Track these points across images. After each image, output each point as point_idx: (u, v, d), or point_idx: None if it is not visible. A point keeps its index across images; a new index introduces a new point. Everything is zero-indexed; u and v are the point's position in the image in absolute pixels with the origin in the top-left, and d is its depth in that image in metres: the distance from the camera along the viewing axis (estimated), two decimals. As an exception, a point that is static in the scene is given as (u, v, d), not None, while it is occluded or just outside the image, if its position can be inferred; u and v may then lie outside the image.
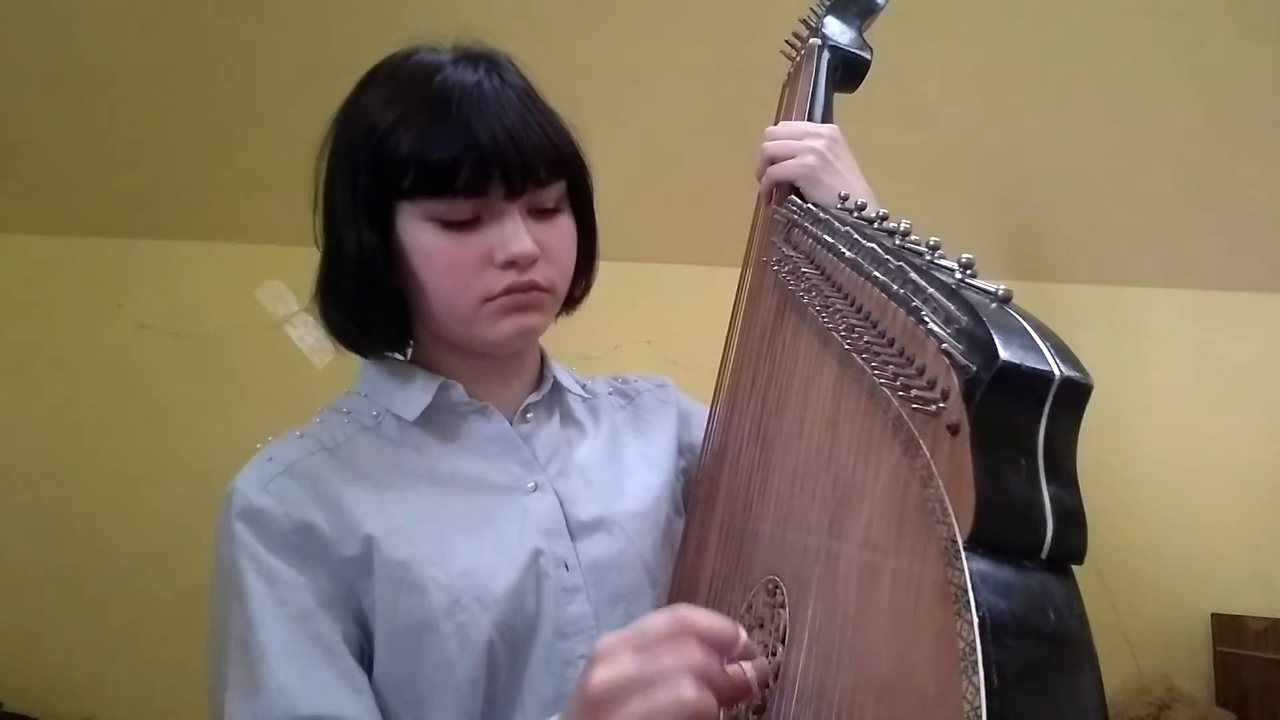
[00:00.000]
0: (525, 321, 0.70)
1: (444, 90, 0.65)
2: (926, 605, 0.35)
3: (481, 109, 0.65)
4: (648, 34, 1.53)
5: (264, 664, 0.60)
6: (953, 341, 0.35)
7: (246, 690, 0.60)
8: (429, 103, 0.65)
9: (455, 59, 0.68)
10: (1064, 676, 0.32)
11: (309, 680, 0.60)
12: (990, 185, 1.67)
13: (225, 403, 1.77)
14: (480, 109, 0.65)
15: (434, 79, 0.66)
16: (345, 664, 0.62)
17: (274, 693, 0.59)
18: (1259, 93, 1.50)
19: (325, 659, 0.61)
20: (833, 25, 0.90)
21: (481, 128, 0.64)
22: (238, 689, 0.61)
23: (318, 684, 0.60)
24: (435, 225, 0.66)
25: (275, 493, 0.65)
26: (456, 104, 0.64)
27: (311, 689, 0.60)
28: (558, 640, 0.68)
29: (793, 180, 0.79)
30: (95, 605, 1.78)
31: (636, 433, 0.84)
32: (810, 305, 0.58)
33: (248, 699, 0.60)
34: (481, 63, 0.68)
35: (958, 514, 0.34)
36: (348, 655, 0.63)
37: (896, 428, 0.40)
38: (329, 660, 0.62)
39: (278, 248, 1.66)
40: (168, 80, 1.62)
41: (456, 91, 0.65)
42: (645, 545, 0.75)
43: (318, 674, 0.61)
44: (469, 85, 0.66)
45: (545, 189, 0.68)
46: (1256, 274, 1.69)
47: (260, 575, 0.62)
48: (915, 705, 0.36)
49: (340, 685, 0.61)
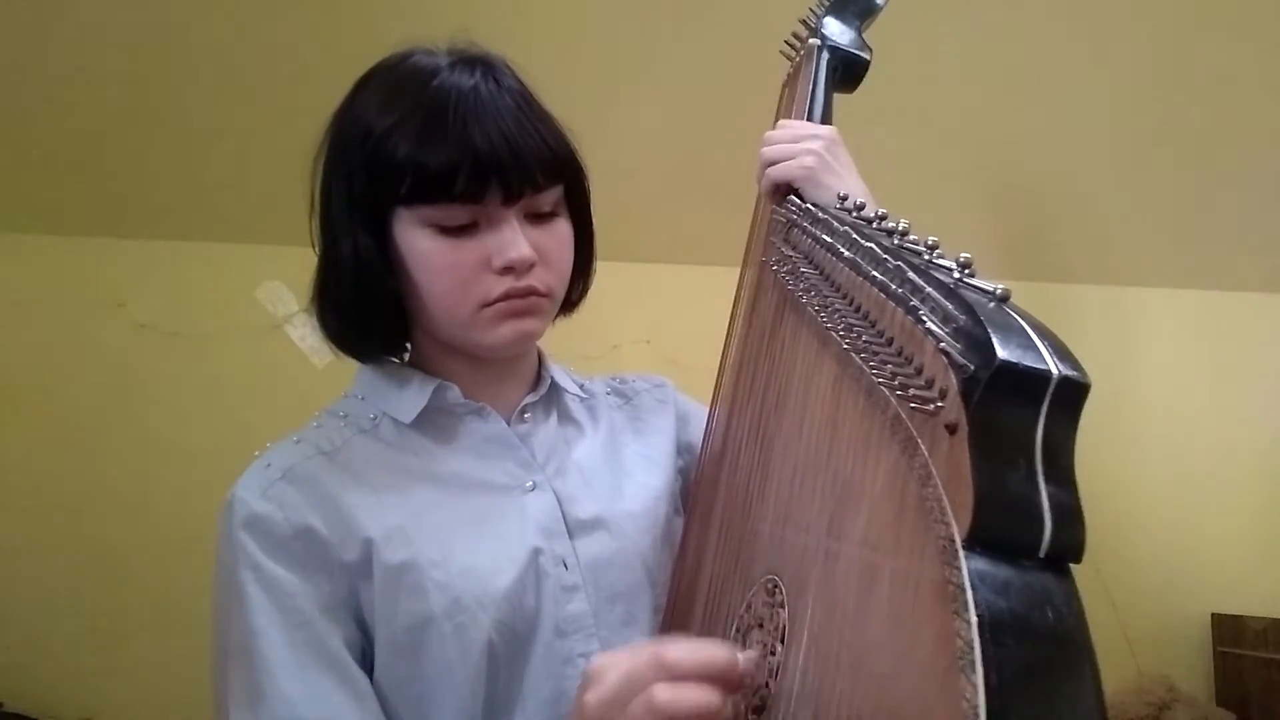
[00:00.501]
0: (523, 327, 0.70)
1: (440, 95, 0.65)
2: (925, 604, 0.35)
3: (478, 114, 0.64)
4: (648, 34, 1.53)
5: (266, 672, 0.60)
6: (950, 341, 0.35)
7: (249, 699, 0.60)
8: (425, 108, 0.65)
9: (452, 63, 0.68)
10: (1063, 676, 0.32)
11: (311, 687, 0.60)
12: (990, 186, 1.67)
13: (225, 403, 1.77)
14: (477, 114, 0.64)
15: (430, 83, 0.66)
16: (347, 670, 0.62)
17: (277, 701, 0.59)
18: (1259, 93, 1.50)
19: (327, 666, 0.61)
20: (832, 25, 0.90)
21: (478, 133, 0.64)
22: (240, 697, 0.61)
23: (320, 691, 0.60)
24: (432, 231, 0.66)
25: (274, 498, 0.65)
26: (453, 109, 0.64)
27: (314, 696, 0.60)
28: (557, 639, 0.68)
29: (791, 181, 0.79)
30: (95, 605, 1.78)
31: (635, 433, 0.84)
32: (809, 305, 0.58)
33: (251, 707, 0.60)
34: (478, 66, 0.68)
35: (956, 513, 0.34)
36: (350, 661, 0.63)
37: (895, 427, 0.40)
38: (331, 667, 0.62)
39: (278, 248, 1.66)
40: (168, 81, 1.63)
41: (453, 96, 0.65)
42: (644, 544, 0.75)
43: (320, 681, 0.61)
44: (465, 90, 0.65)
45: (542, 194, 0.68)
46: (1257, 274, 1.69)
47: (260, 583, 0.62)
48: (914, 704, 0.36)
49: (342, 691, 0.61)
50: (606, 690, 0.50)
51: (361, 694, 0.62)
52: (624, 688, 0.49)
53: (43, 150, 1.74)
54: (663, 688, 0.47)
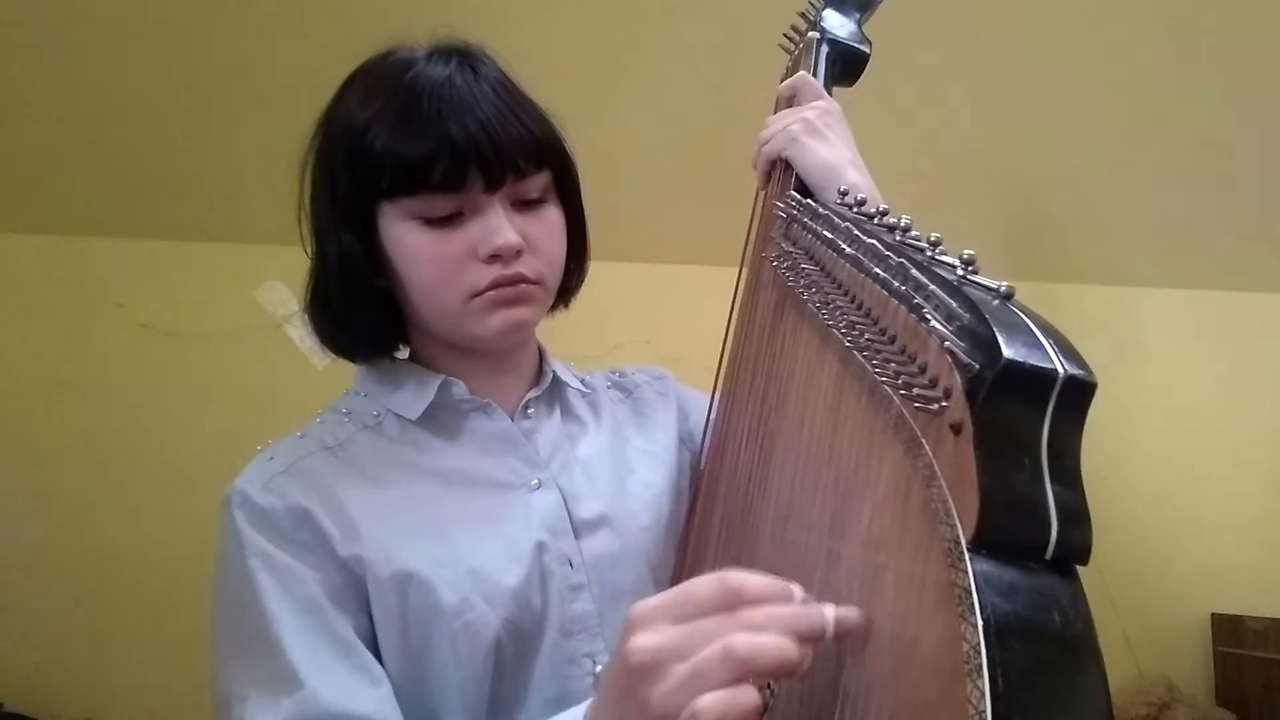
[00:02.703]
0: (514, 315, 0.69)
1: (415, 87, 0.65)
2: (930, 607, 0.34)
3: (453, 103, 0.64)
4: (649, 33, 1.53)
5: (283, 657, 0.59)
6: (955, 339, 0.35)
7: (268, 685, 0.60)
8: (400, 100, 0.65)
9: (428, 55, 0.68)
10: (1070, 679, 0.32)
11: (328, 673, 0.60)
12: (994, 184, 1.67)
13: (225, 402, 1.77)
14: (452, 103, 0.64)
15: (405, 76, 0.66)
16: (360, 657, 0.62)
17: (295, 684, 0.59)
18: (1260, 94, 1.50)
19: (341, 652, 0.61)
20: (832, 18, 0.89)
21: (454, 122, 0.64)
22: (257, 684, 0.60)
23: (336, 676, 0.60)
24: (417, 223, 0.66)
25: (276, 490, 0.65)
26: (427, 100, 0.64)
27: (331, 681, 0.59)
28: (563, 638, 0.67)
29: (780, 152, 0.78)
30: (95, 605, 1.77)
31: (637, 427, 0.84)
32: (810, 302, 0.57)
33: (269, 695, 0.59)
34: (454, 57, 0.68)
35: (961, 514, 0.33)
36: (362, 647, 0.62)
37: (898, 427, 0.40)
38: (345, 653, 0.61)
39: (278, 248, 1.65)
40: (167, 81, 1.62)
41: (427, 87, 0.65)
42: (648, 542, 0.74)
43: (335, 666, 0.60)
44: (439, 80, 0.65)
45: (527, 180, 0.68)
46: (1258, 274, 1.69)
47: (269, 570, 0.62)
48: (918, 707, 0.35)
49: (358, 676, 0.61)
50: (662, 637, 0.41)
51: (377, 679, 0.62)
52: (685, 637, 0.41)
53: (43, 150, 1.73)
54: (743, 637, 0.39)
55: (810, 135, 0.77)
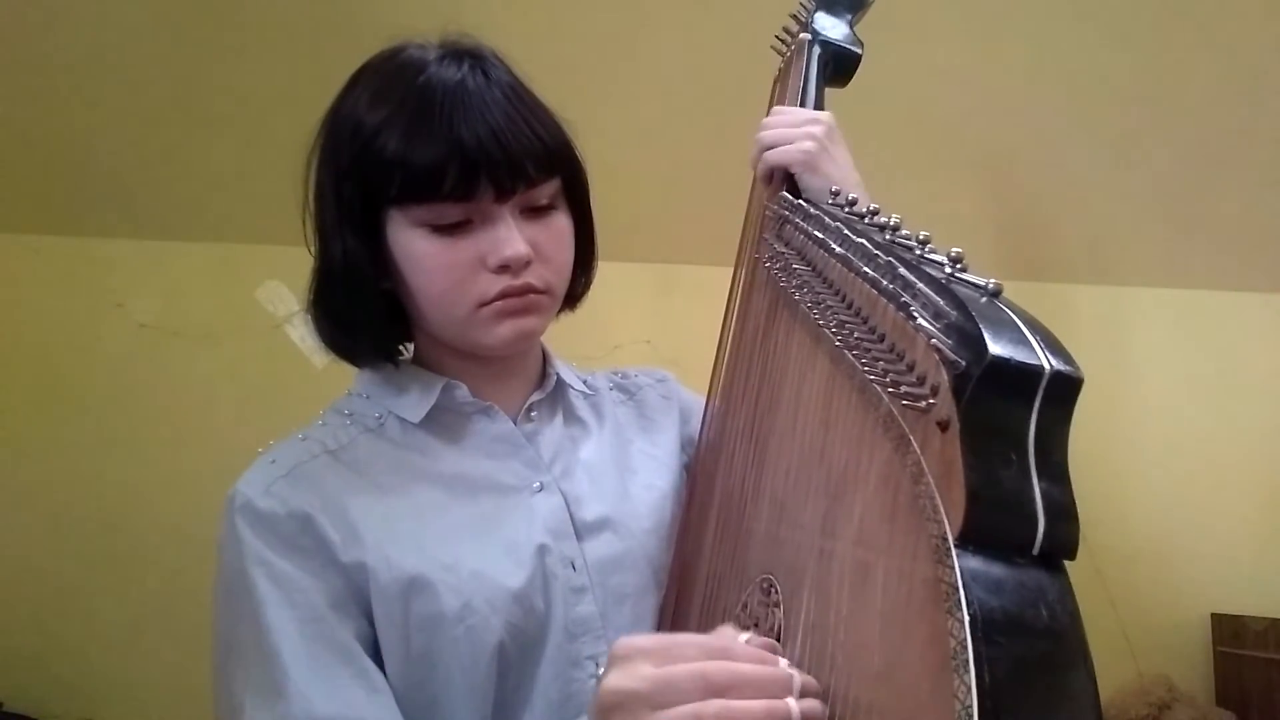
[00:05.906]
0: (522, 325, 0.69)
1: (427, 90, 0.64)
2: (918, 604, 0.35)
3: (465, 109, 0.63)
4: (649, 33, 1.53)
5: (280, 667, 0.59)
6: (942, 336, 0.35)
7: (265, 696, 0.59)
8: (412, 104, 0.64)
9: (440, 56, 0.67)
10: (1057, 674, 0.32)
11: (326, 682, 0.59)
12: (987, 184, 1.67)
13: (225, 403, 1.77)
14: (464, 108, 0.63)
15: (417, 79, 0.65)
16: (360, 664, 0.61)
17: (292, 695, 0.58)
18: (1258, 93, 1.50)
19: (340, 660, 0.61)
20: (823, 20, 0.89)
21: (465, 128, 0.63)
22: (255, 693, 0.60)
23: (336, 686, 0.60)
24: (425, 231, 0.65)
25: (278, 495, 0.64)
26: (439, 104, 0.63)
27: (329, 691, 0.59)
28: (566, 641, 0.67)
29: (790, 166, 0.77)
30: (95, 605, 1.77)
31: (640, 430, 0.83)
32: (802, 302, 0.57)
33: (266, 703, 0.59)
34: (466, 59, 0.66)
35: (948, 511, 0.33)
36: (362, 654, 0.62)
37: (887, 425, 0.40)
38: (345, 661, 0.61)
39: (278, 248, 1.66)
40: (168, 81, 1.62)
41: (439, 91, 0.64)
42: (650, 544, 0.74)
43: (335, 676, 0.60)
44: (452, 84, 0.64)
45: (537, 187, 0.67)
46: (1255, 274, 1.69)
47: (269, 578, 0.61)
48: (908, 704, 0.35)
49: (357, 685, 0.60)
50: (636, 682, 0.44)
51: (377, 688, 0.61)
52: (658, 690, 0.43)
53: (43, 150, 1.74)
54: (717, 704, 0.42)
55: (824, 159, 0.76)
